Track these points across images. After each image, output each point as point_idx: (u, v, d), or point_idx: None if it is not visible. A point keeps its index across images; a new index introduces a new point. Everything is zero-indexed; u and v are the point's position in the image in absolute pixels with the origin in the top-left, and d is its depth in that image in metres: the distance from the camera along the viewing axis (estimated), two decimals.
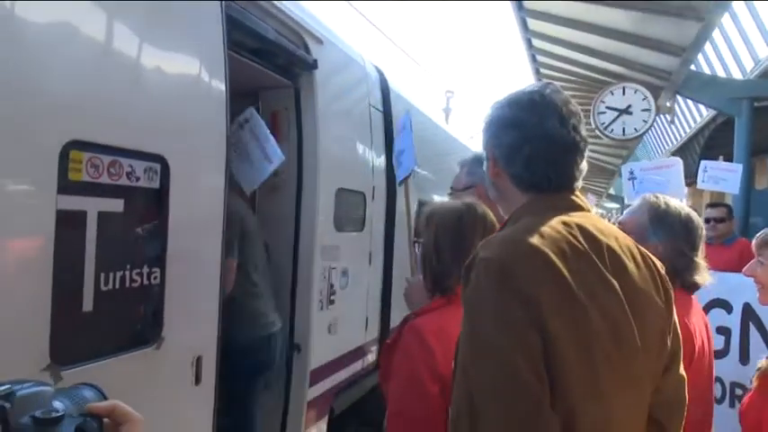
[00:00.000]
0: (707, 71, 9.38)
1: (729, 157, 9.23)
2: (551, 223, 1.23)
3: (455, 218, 1.81)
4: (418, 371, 1.61)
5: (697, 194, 13.01)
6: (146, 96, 1.98)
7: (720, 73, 9.47)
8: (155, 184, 2.00)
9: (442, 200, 4.37)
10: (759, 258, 1.83)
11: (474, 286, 1.17)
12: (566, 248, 1.19)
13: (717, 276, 2.10)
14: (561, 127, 1.30)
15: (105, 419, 0.79)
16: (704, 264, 1.93)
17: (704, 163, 5.25)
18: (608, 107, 7.95)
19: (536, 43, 9.16)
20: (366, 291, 4.23)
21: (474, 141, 10.60)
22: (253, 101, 3.50)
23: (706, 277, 1.88)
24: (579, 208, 1.33)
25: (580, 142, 1.33)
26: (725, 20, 7.87)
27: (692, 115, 12.30)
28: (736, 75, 9.14)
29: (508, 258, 1.16)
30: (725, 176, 5.14)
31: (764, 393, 1.64)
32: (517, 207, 1.33)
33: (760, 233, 1.89)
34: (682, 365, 1.40)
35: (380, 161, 4.46)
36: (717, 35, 8.57)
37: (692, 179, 5.67)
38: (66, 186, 1.65)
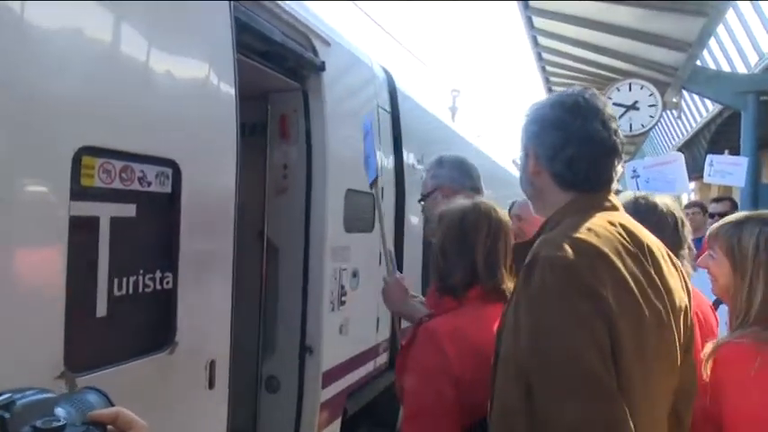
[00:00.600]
0: (712, 66, 9.34)
1: (736, 151, 9.20)
2: (601, 223, 1.28)
3: (459, 217, 1.80)
4: (433, 372, 1.60)
5: (705, 188, 12.94)
6: (157, 101, 1.98)
7: (725, 68, 9.43)
8: (167, 189, 2.00)
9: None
10: (710, 252, 1.82)
11: (540, 284, 1.19)
12: (619, 248, 1.24)
13: None
14: (603, 129, 1.35)
15: (109, 427, 0.77)
16: (687, 257, 1.96)
17: (710, 157, 5.22)
18: (615, 103, 7.91)
19: (542, 41, 9.14)
20: (376, 291, 4.20)
21: (481, 140, 10.61)
22: (262, 104, 3.49)
23: (687, 270, 1.89)
24: (615, 208, 1.39)
25: (619, 145, 1.39)
26: (729, 15, 7.84)
27: (698, 110, 12.25)
28: (740, 69, 9.10)
29: (572, 257, 1.18)
30: (731, 170, 5.12)
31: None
32: (558, 205, 1.38)
33: (712, 226, 1.88)
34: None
35: (389, 162, 4.46)
36: (721, 30, 8.54)
37: (699, 173, 5.64)
38: (78, 192, 1.65)
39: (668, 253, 1.41)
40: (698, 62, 8.20)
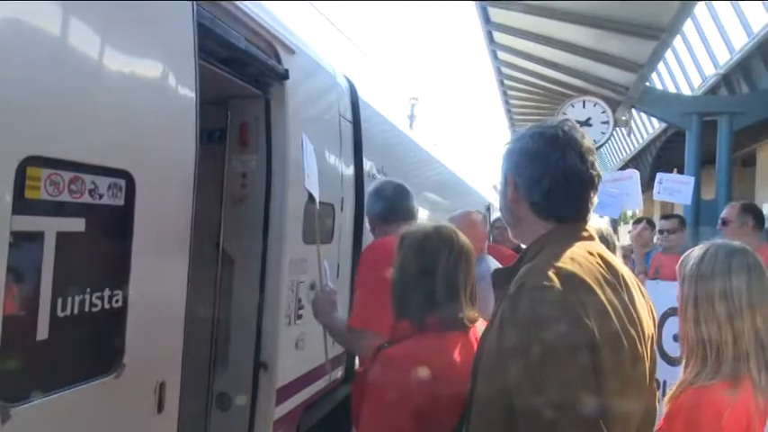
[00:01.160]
0: (658, 86, 9.71)
1: (680, 169, 9.60)
2: (582, 253, 1.31)
3: (419, 240, 1.75)
4: (392, 403, 1.55)
5: (648, 204, 13.45)
6: (111, 107, 1.85)
7: (671, 88, 9.83)
8: (119, 202, 1.88)
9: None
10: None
11: (527, 312, 1.20)
12: (599, 277, 1.27)
13: (670, 286, 2.12)
14: (581, 163, 1.37)
15: None
16: None
17: (660, 175, 5.38)
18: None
19: (501, 56, 9.28)
20: None
21: (437, 149, 10.66)
22: (222, 110, 3.37)
23: None
24: (592, 238, 1.41)
25: (596, 177, 1.40)
26: (676, 39, 8.17)
27: (645, 127, 12.72)
28: (684, 90, 9.51)
29: (559, 286, 1.20)
30: (678, 188, 5.30)
31: (671, 421, 1.65)
32: (537, 233, 1.40)
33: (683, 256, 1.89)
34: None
35: (349, 172, 4.39)
36: (668, 53, 8.89)
37: (644, 189, 5.83)
38: (22, 206, 1.51)
39: (638, 281, 1.44)
40: (647, 83, 8.51)
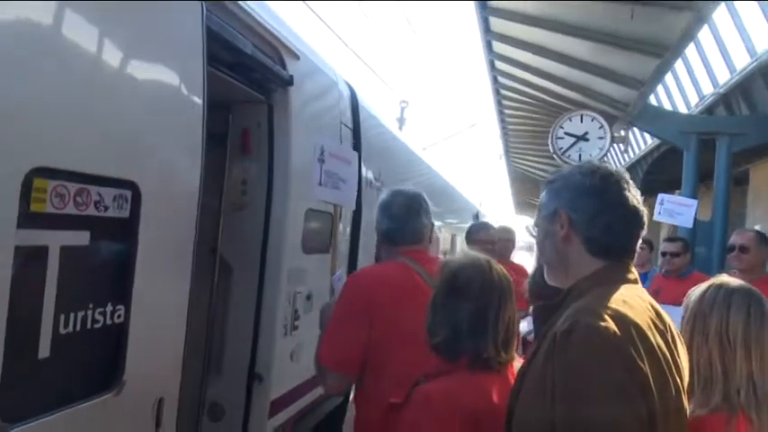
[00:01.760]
0: (654, 103, 9.77)
1: (672, 185, 9.62)
2: (633, 296, 1.31)
3: (452, 274, 1.71)
4: None
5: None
6: (117, 115, 1.79)
7: (666, 105, 9.89)
8: (124, 214, 1.82)
9: None
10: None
11: (580, 352, 1.19)
12: (650, 323, 1.28)
13: (672, 310, 2.14)
14: (635, 200, 1.41)
15: None
16: None
17: (661, 196, 5.37)
18: (566, 133, 8.13)
19: (499, 65, 9.28)
20: None
21: (426, 153, 10.63)
22: (222, 114, 3.31)
23: None
24: (637, 281, 1.42)
25: (644, 217, 1.43)
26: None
27: (638, 142, 12.79)
28: (680, 108, 9.57)
29: (614, 328, 1.19)
30: (680, 210, 5.28)
31: None
32: (583, 274, 1.39)
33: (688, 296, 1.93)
34: None
35: None
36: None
37: None
38: (27, 219, 1.45)
39: (677, 331, 1.45)
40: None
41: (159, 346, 2.06)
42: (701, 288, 1.89)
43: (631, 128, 8.97)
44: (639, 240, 1.43)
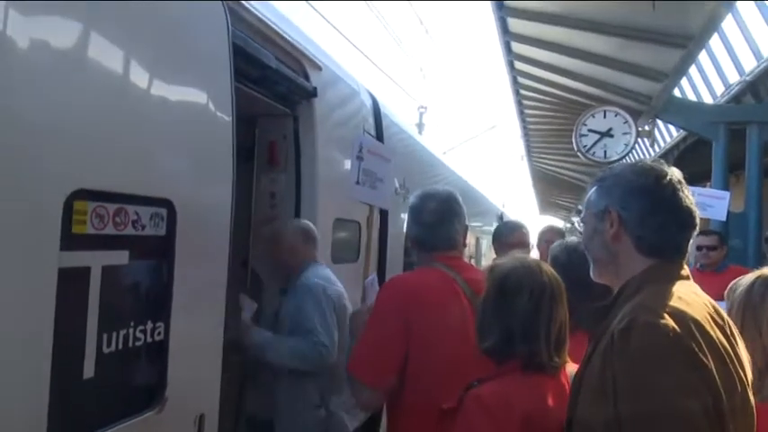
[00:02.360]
0: (677, 95, 9.58)
1: (700, 176, 9.40)
2: (688, 293, 1.30)
3: (502, 276, 1.69)
4: None
5: None
6: (153, 135, 1.82)
7: (690, 96, 9.69)
8: (161, 232, 1.83)
9: None
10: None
11: (641, 349, 1.18)
12: (709, 318, 1.27)
13: None
14: (687, 200, 1.40)
15: None
16: None
17: (692, 189, 5.25)
18: (590, 130, 8.02)
19: (518, 65, 9.21)
20: None
21: (447, 157, 10.61)
22: (249, 128, 3.34)
23: None
24: (689, 278, 1.40)
25: (697, 217, 1.42)
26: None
27: (663, 136, 12.57)
28: (706, 98, 9.37)
29: (674, 324, 1.19)
30: (712, 203, 5.17)
31: None
32: (634, 272, 1.38)
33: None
34: None
35: None
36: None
37: None
38: (69, 241, 1.47)
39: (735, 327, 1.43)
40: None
41: (198, 362, 2.07)
42: (747, 280, 1.90)
43: (656, 121, 8.79)
44: (691, 240, 1.42)
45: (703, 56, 8.80)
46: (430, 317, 2.07)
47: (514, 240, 3.98)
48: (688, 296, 1.29)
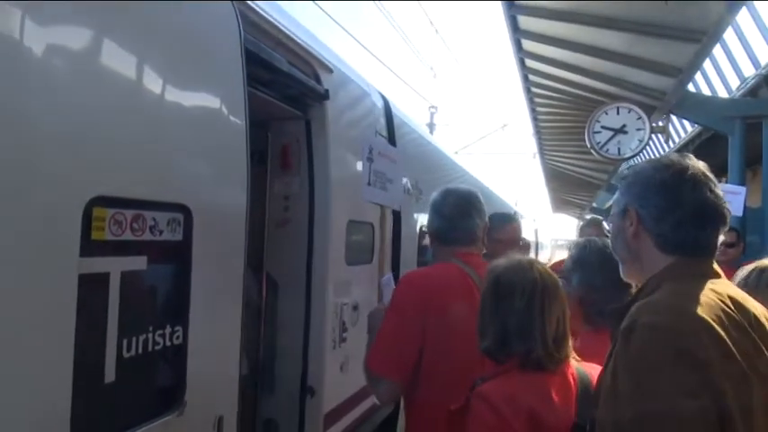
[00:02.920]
0: (691, 89, 9.47)
1: (716, 171, 9.24)
2: (705, 291, 1.26)
3: (496, 275, 1.72)
4: None
5: None
6: (168, 141, 1.84)
7: (705, 90, 9.57)
8: (178, 237, 1.85)
9: None
10: None
11: (639, 350, 1.17)
12: (724, 318, 1.21)
13: None
14: (711, 195, 1.34)
15: None
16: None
17: None
18: (603, 126, 7.94)
19: (529, 63, 9.16)
20: None
21: (459, 156, 10.59)
22: (261, 132, 3.35)
23: None
24: (718, 275, 1.36)
25: (726, 212, 1.37)
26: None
27: (677, 131, 12.43)
28: (720, 93, 9.24)
29: (675, 325, 1.17)
30: (729, 199, 5.05)
31: None
32: (656, 269, 1.35)
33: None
34: None
35: None
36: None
37: None
38: (88, 248, 1.49)
39: None
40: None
41: (217, 365, 2.09)
42: (745, 271, 1.99)
43: (670, 117, 8.70)
44: (719, 235, 1.37)
45: (717, 50, 8.69)
46: (445, 312, 2.11)
47: (504, 236, 3.46)
48: (704, 295, 1.25)
